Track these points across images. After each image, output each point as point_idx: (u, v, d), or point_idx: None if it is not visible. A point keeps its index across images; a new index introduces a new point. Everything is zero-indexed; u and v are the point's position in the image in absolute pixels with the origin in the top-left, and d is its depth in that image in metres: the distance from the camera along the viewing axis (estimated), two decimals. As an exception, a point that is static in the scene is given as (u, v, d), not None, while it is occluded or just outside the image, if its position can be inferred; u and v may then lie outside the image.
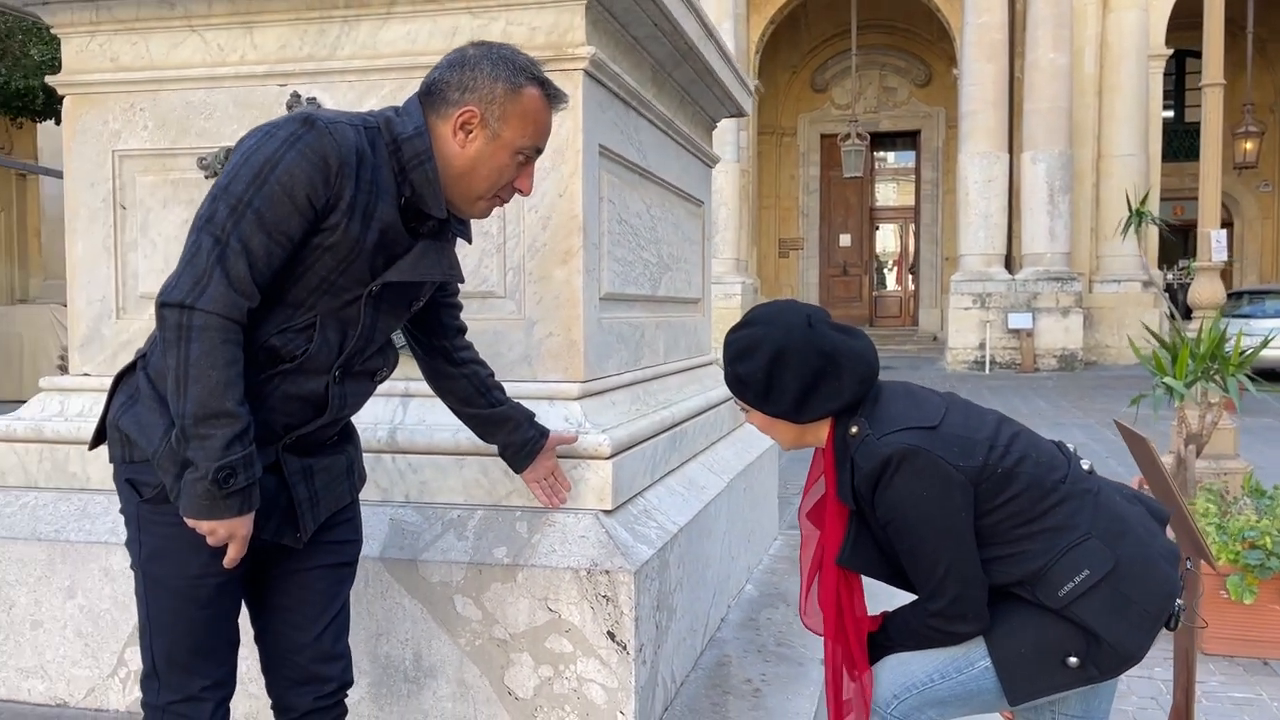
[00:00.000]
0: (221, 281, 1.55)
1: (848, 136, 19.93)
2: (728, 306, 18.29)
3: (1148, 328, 6.14)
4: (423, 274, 1.76)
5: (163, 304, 1.55)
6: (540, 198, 2.43)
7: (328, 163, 1.59)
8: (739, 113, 3.97)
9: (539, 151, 1.80)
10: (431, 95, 1.72)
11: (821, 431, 1.92)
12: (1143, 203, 7.05)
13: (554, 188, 2.43)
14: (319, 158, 1.58)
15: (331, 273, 1.65)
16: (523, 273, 2.45)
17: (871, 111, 22.89)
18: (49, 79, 2.75)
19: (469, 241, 1.95)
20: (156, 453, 1.63)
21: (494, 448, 2.21)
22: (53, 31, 2.70)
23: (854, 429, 1.85)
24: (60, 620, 2.45)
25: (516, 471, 2.21)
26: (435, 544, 2.29)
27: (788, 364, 1.85)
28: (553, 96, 1.77)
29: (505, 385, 2.39)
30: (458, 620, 2.25)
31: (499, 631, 2.22)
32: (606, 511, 2.31)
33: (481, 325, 2.41)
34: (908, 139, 23.68)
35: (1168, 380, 5.05)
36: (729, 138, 18.36)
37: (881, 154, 24.05)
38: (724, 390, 3.65)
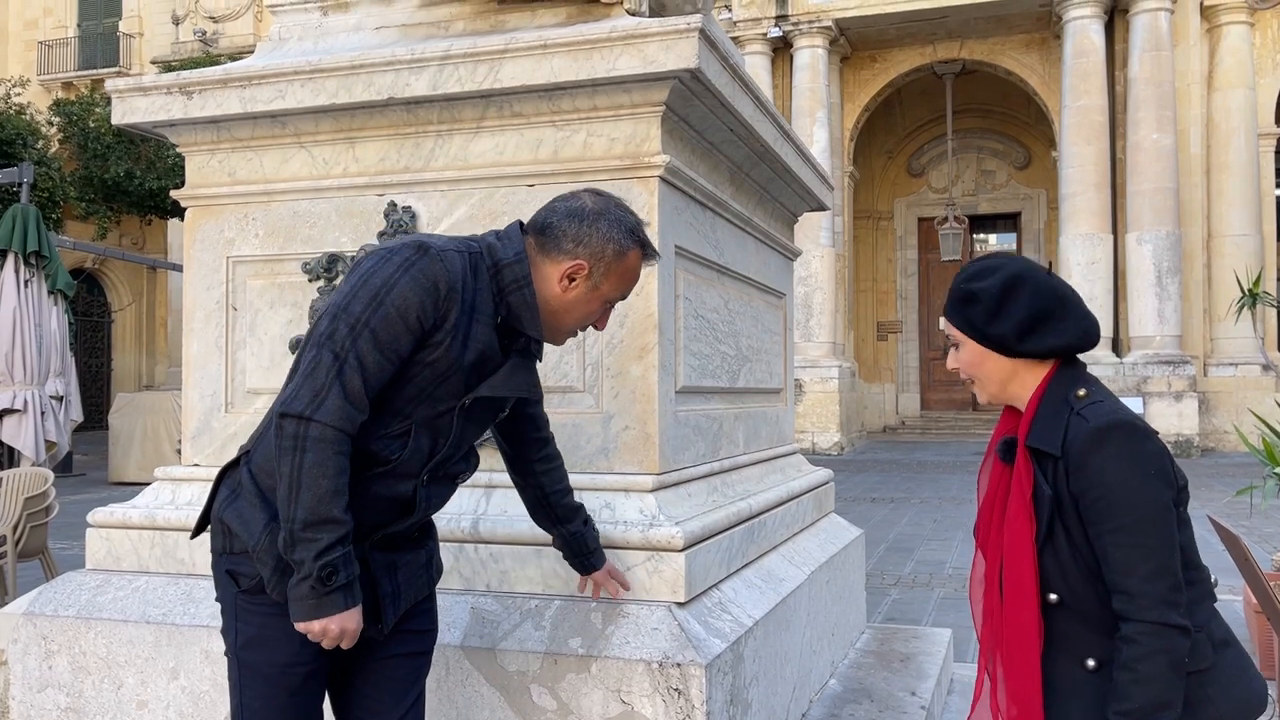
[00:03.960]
0: (339, 395, 1.69)
1: (945, 220, 19.83)
2: (825, 390, 18.17)
3: (1255, 414, 5.92)
4: (511, 390, 1.90)
5: (283, 414, 1.69)
6: (618, 297, 2.54)
7: (438, 287, 1.73)
8: (820, 207, 4.05)
9: (624, 299, 1.97)
10: (544, 236, 1.86)
11: (1032, 380, 1.84)
12: (1256, 283, 6.85)
13: (631, 288, 2.53)
14: (430, 283, 1.73)
15: (430, 384, 1.79)
16: (601, 368, 2.54)
17: (970, 194, 22.75)
18: (173, 193, 3.00)
19: (540, 360, 2.07)
20: (257, 545, 1.76)
21: None
22: (178, 150, 2.96)
23: (1082, 391, 1.79)
24: (164, 701, 2.58)
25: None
26: (513, 633, 2.36)
27: (1023, 289, 1.80)
28: (648, 256, 1.93)
29: (583, 476, 2.49)
30: (534, 709, 2.30)
31: (574, 722, 2.26)
32: (679, 604, 2.35)
33: (561, 418, 2.51)
34: (1008, 221, 23.39)
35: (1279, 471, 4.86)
36: (824, 223, 18.45)
37: (981, 236, 23.79)
38: (806, 480, 3.66)
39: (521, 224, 1.91)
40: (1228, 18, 17.76)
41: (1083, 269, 17.12)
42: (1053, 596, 1.77)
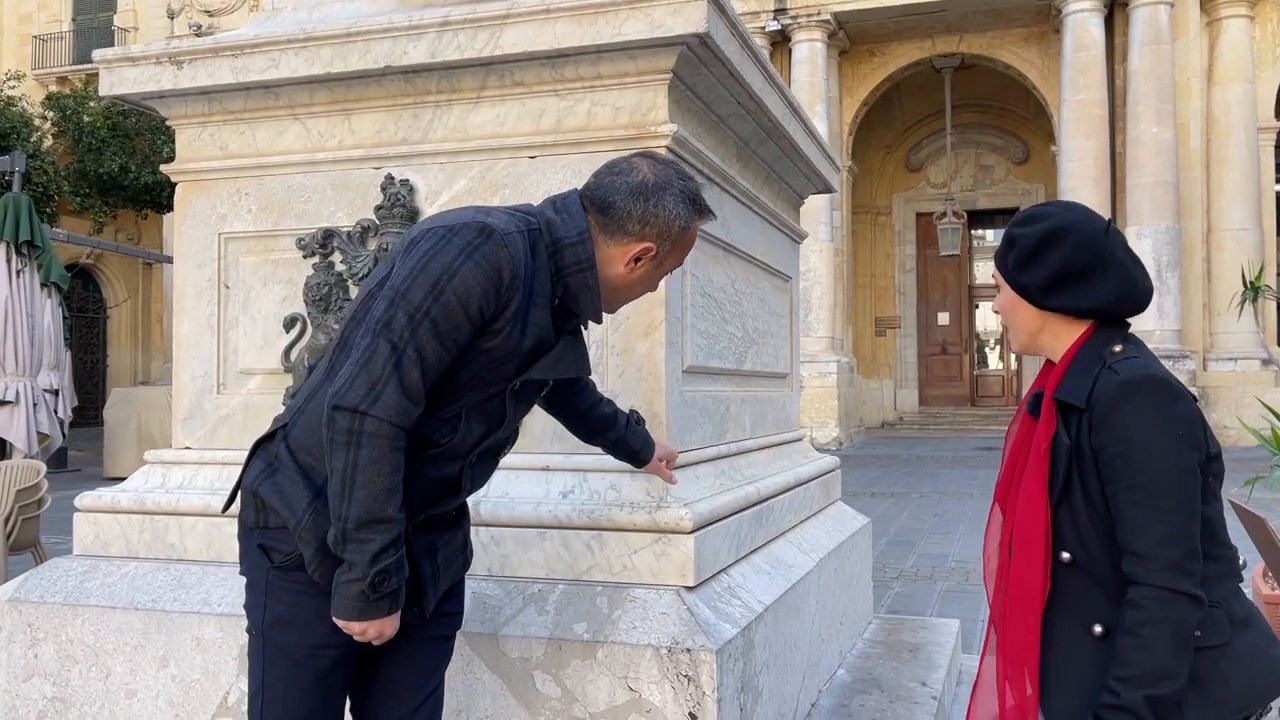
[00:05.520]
0: (396, 389, 1.59)
1: (944, 215, 19.75)
2: (823, 385, 18.10)
3: (1264, 404, 5.84)
4: (561, 372, 1.83)
5: (335, 406, 1.59)
6: (623, 272, 2.45)
7: (501, 276, 1.63)
8: (826, 189, 3.97)
9: (680, 265, 1.89)
10: (607, 216, 1.75)
11: (1066, 336, 1.77)
12: (1258, 276, 6.80)
13: (637, 262, 2.44)
14: (494, 270, 1.63)
15: (483, 369, 1.70)
16: (605, 346, 2.46)
17: (968, 190, 22.67)
18: (164, 168, 2.91)
19: (586, 329, 1.98)
20: (300, 525, 1.68)
21: (575, 521, 2.27)
22: (168, 123, 2.87)
23: (1118, 347, 1.72)
24: (154, 690, 2.50)
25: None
26: (516, 618, 2.27)
27: (1062, 242, 1.74)
28: (705, 219, 1.85)
29: (587, 457, 2.42)
30: (537, 698, 2.21)
31: (579, 710, 2.18)
32: (688, 588, 2.27)
33: (565, 399, 2.42)
34: (1006, 216, 23.29)
35: (1290, 460, 4.78)
36: (823, 217, 18.37)
37: (980, 232, 23.73)
38: (814, 467, 3.58)
39: (579, 194, 1.80)
40: (1227, 11, 17.70)
41: (1082, 263, 17.02)
42: (1065, 555, 1.70)
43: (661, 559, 2.28)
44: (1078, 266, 1.73)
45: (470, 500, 2.42)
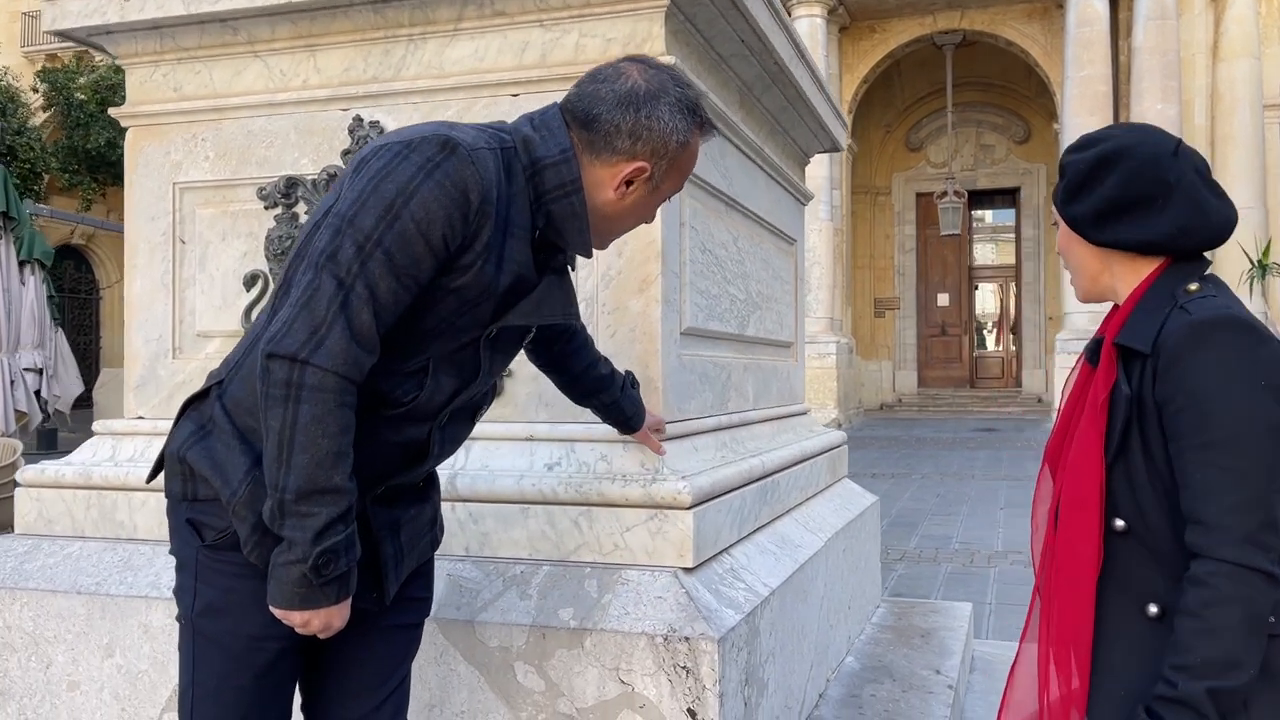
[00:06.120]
0: (344, 334, 1.33)
1: (944, 194, 19.48)
2: (822, 366, 17.87)
3: None
4: (545, 316, 1.56)
5: (270, 354, 1.33)
6: (615, 221, 2.21)
7: (468, 198, 1.37)
8: (834, 147, 3.73)
9: (679, 190, 1.62)
10: (591, 131, 1.48)
11: (1131, 276, 1.53)
12: (1265, 252, 6.57)
13: (630, 210, 2.21)
14: (459, 191, 1.37)
15: (453, 314, 1.45)
16: (596, 303, 2.23)
17: (968, 169, 22.38)
18: (112, 111, 2.67)
19: (574, 269, 1.74)
20: (235, 498, 1.42)
21: (562, 495, 2.05)
22: (117, 63, 2.62)
23: (1194, 285, 1.48)
24: (98, 681, 2.27)
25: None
26: (495, 603, 2.05)
27: (1117, 167, 1.50)
28: (707, 133, 1.58)
29: (576, 426, 2.20)
30: (518, 691, 1.99)
31: (564, 705, 1.96)
32: (687, 569, 2.04)
33: (550, 361, 2.19)
34: (1006, 196, 23.04)
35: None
36: (822, 196, 18.10)
37: (979, 213, 23.46)
38: (820, 441, 3.36)
39: (559, 107, 1.53)
40: (1234, -14, 17.40)
41: (1085, 243, 16.80)
42: (1120, 522, 1.47)
43: (657, 537, 2.05)
44: (1134, 194, 1.49)
45: (445, 473, 2.19)
